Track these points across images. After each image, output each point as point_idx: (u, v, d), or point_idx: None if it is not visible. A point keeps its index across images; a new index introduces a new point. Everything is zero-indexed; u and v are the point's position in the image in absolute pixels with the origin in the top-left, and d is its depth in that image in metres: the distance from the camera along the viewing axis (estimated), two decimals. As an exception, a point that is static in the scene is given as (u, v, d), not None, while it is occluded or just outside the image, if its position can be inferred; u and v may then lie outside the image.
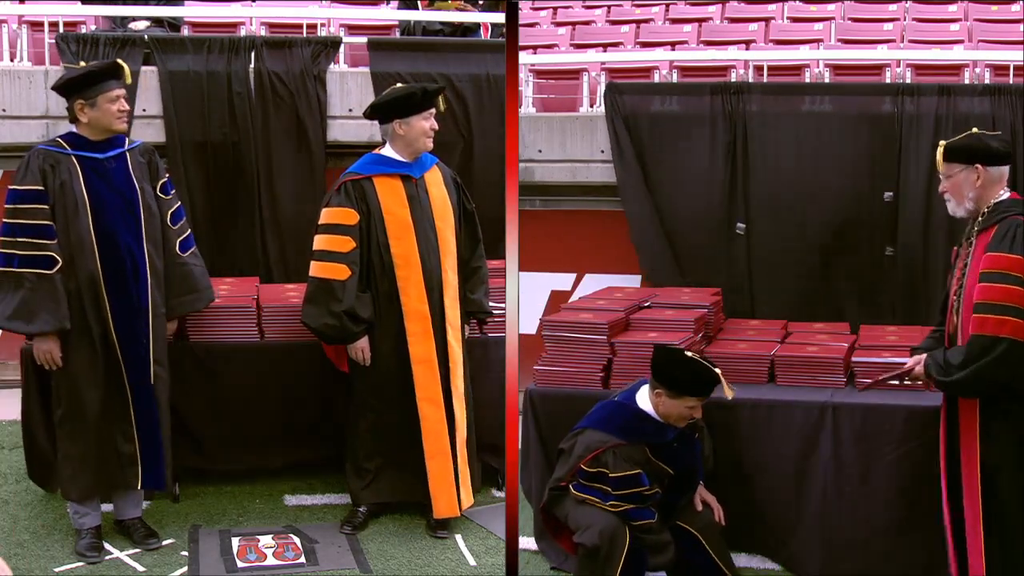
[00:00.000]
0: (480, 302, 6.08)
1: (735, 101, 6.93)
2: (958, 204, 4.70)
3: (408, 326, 5.79)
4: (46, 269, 5.37)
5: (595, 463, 5.01)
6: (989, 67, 8.02)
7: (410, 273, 5.78)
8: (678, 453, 5.09)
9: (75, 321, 5.43)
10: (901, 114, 6.82)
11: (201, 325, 6.13)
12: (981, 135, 4.73)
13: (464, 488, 5.89)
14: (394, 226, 5.78)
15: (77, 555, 5.57)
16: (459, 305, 5.94)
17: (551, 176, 7.83)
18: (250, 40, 7.22)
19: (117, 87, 5.49)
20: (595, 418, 5.14)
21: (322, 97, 7.23)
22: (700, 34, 9.95)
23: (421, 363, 5.80)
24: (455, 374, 5.87)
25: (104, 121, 5.49)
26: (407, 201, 5.82)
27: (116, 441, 5.55)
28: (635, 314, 6.04)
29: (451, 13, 8.17)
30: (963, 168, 4.65)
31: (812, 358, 5.67)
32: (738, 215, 6.97)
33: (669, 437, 5.05)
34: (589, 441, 5.05)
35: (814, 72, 8.29)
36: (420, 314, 5.79)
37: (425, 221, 5.83)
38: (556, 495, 5.16)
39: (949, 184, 4.70)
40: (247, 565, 5.52)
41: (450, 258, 5.89)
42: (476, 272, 6.09)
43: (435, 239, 5.84)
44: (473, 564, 5.59)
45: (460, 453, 5.88)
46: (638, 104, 7.25)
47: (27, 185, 5.43)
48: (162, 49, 7.06)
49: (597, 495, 4.99)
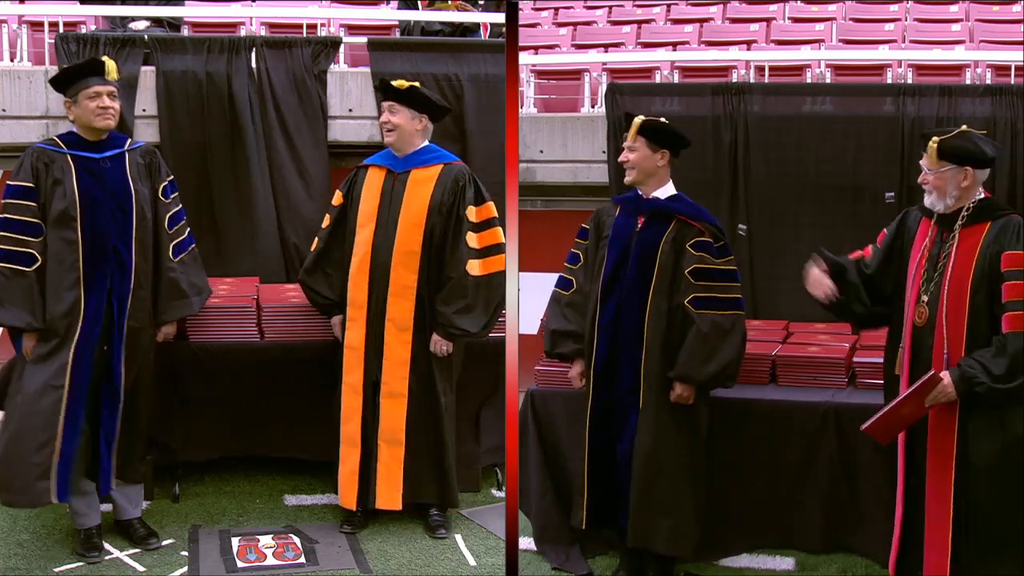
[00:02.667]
0: (448, 316, 5.83)
1: (736, 102, 6.90)
2: (939, 199, 4.73)
3: (348, 311, 5.93)
4: (24, 266, 5.37)
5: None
6: (990, 67, 8.01)
7: (359, 262, 5.89)
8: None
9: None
10: (902, 114, 6.81)
11: (201, 325, 6.12)
12: (972, 136, 4.74)
13: (384, 487, 5.87)
14: (361, 215, 5.92)
15: (77, 555, 5.58)
16: (414, 306, 5.86)
17: (552, 176, 7.80)
18: (250, 40, 7.20)
19: (97, 84, 5.45)
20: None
21: (322, 97, 7.22)
22: (701, 34, 9.96)
23: (350, 349, 5.92)
24: (389, 372, 5.86)
25: (85, 118, 5.47)
26: (379, 194, 5.91)
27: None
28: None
29: (451, 13, 8.16)
30: (953, 168, 4.69)
31: (814, 358, 5.68)
32: (739, 216, 6.95)
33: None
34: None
35: (815, 72, 8.28)
36: (358, 302, 5.90)
37: (389, 216, 5.87)
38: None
39: (934, 179, 4.73)
40: (247, 565, 5.52)
41: (409, 257, 5.84)
42: (449, 281, 5.86)
43: (393, 235, 5.85)
44: (473, 564, 5.59)
45: (382, 451, 5.87)
46: (639, 105, 7.21)
47: (18, 181, 5.44)
48: (162, 49, 7.03)
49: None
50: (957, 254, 4.68)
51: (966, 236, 4.69)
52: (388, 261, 5.84)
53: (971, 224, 4.69)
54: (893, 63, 8.20)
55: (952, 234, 4.72)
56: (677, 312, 5.21)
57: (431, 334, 5.88)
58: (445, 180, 5.94)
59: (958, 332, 4.64)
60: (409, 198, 5.89)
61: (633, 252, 5.28)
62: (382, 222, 5.88)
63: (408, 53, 7.34)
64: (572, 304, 5.46)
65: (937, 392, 4.56)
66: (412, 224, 5.87)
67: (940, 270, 4.70)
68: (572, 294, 5.48)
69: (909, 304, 4.80)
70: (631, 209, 5.39)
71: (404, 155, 5.96)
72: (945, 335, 4.66)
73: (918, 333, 4.75)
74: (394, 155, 5.98)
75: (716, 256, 5.24)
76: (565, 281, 5.54)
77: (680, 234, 5.26)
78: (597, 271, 5.36)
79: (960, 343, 4.63)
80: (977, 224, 4.69)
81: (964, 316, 4.63)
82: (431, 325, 5.88)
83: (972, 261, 4.64)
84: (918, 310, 4.74)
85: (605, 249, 5.37)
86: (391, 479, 5.89)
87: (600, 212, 5.54)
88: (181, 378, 6.15)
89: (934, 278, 4.72)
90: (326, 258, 6.03)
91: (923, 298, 4.73)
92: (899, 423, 4.70)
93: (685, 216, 5.29)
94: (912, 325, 4.77)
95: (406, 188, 5.90)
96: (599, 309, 5.31)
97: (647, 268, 5.24)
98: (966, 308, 4.63)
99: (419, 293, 5.87)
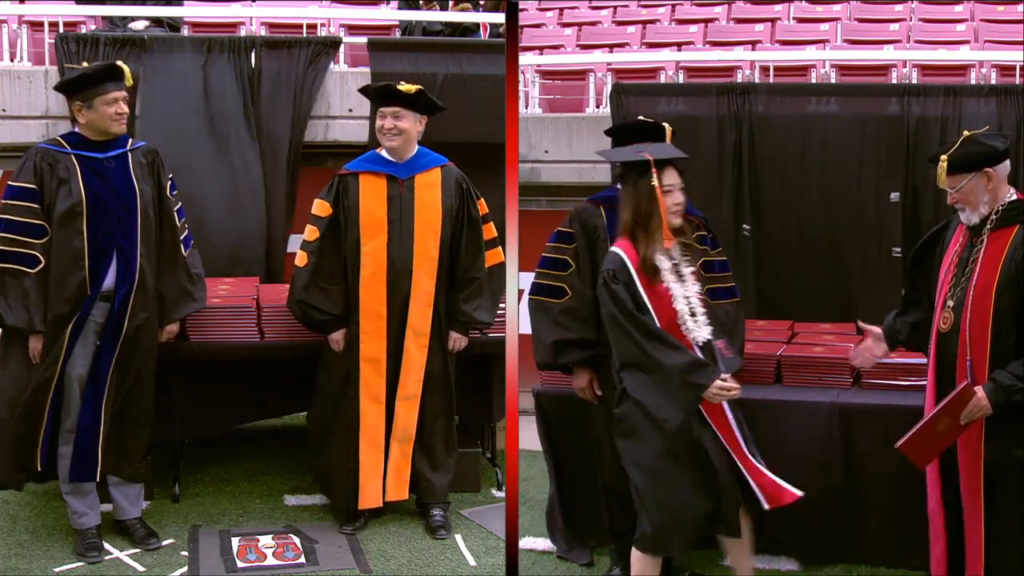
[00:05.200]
0: (470, 313, 5.91)
1: (741, 102, 6.88)
2: (973, 211, 4.58)
3: (362, 323, 5.79)
4: (25, 267, 5.37)
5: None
6: (995, 68, 7.99)
7: (375, 272, 5.77)
8: None
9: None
10: (907, 115, 6.78)
11: (201, 325, 6.10)
12: (978, 138, 4.62)
13: (394, 480, 5.90)
14: (368, 224, 5.77)
15: (77, 555, 5.56)
16: (432, 311, 5.85)
17: (557, 176, 7.81)
18: (250, 40, 7.19)
19: (115, 89, 5.47)
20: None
21: (322, 97, 7.21)
22: (706, 35, 9.97)
23: (368, 362, 5.82)
24: (407, 377, 5.85)
25: (100, 124, 5.48)
26: (387, 201, 5.79)
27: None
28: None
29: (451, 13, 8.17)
30: (972, 176, 4.54)
31: (819, 358, 5.64)
32: (744, 216, 6.92)
33: None
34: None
35: (820, 73, 8.28)
36: (376, 313, 5.79)
37: (403, 223, 5.79)
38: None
39: (960, 195, 4.57)
40: (247, 565, 5.50)
41: (427, 263, 5.81)
42: (472, 283, 5.93)
43: (411, 242, 5.79)
44: (473, 564, 5.58)
45: (393, 449, 5.88)
46: (644, 105, 7.19)
47: (20, 182, 5.43)
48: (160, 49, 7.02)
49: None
50: (984, 258, 4.54)
51: (994, 240, 4.55)
52: (408, 270, 5.78)
53: (1000, 228, 4.54)
54: (898, 63, 8.20)
55: (981, 238, 4.58)
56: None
57: (445, 333, 5.91)
58: (448, 183, 5.91)
59: (982, 338, 4.50)
60: (420, 204, 5.83)
61: None
62: (395, 230, 5.78)
63: (408, 53, 7.33)
64: (568, 312, 5.25)
65: (972, 407, 4.42)
66: (430, 231, 5.82)
67: (967, 275, 4.57)
68: (566, 301, 5.27)
69: (936, 310, 4.68)
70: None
71: (405, 160, 5.86)
72: (968, 341, 4.53)
73: (942, 339, 4.63)
74: (389, 160, 5.85)
75: (712, 248, 5.25)
76: (553, 289, 5.30)
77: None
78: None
79: (984, 350, 4.50)
80: (1006, 228, 4.54)
81: (988, 322, 4.49)
82: (447, 324, 5.91)
83: (999, 265, 4.51)
84: (943, 316, 4.61)
85: (607, 253, 5.25)
86: (400, 473, 5.91)
87: (581, 214, 5.33)
88: (181, 378, 6.12)
89: (961, 283, 4.59)
90: (320, 273, 5.81)
91: (949, 303, 4.60)
92: (935, 440, 4.52)
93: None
94: (937, 331, 4.66)
95: (415, 194, 5.83)
96: None
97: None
98: (990, 314, 4.49)
99: (436, 298, 5.87)
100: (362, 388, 5.83)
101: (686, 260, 4.73)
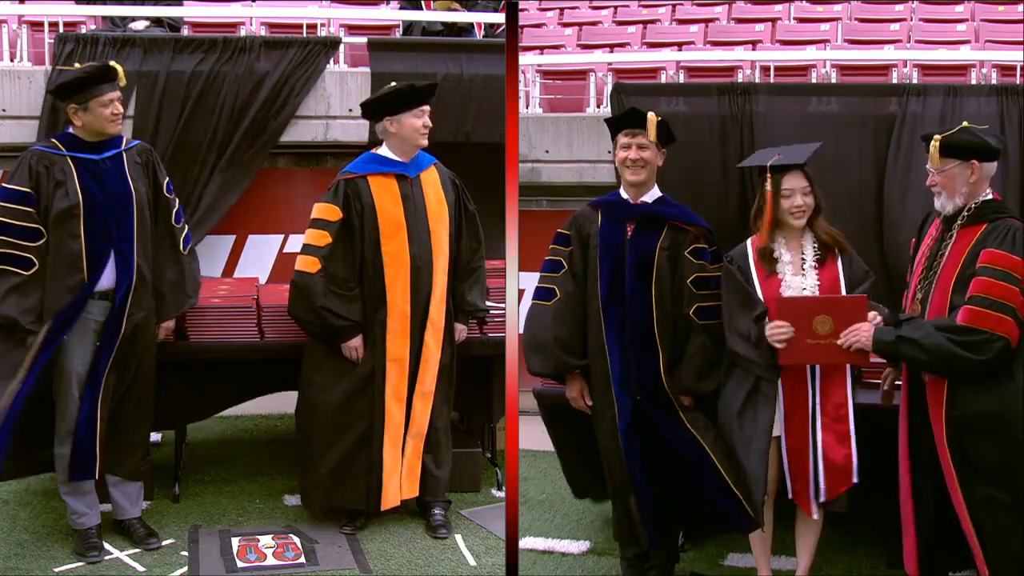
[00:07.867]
0: (475, 302, 6.03)
1: (742, 102, 6.86)
2: (949, 199, 4.67)
3: (390, 323, 5.77)
4: (21, 269, 5.36)
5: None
6: (996, 67, 7.99)
7: (399, 271, 5.76)
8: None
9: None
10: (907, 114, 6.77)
11: (201, 325, 6.10)
12: (974, 130, 4.70)
13: (408, 479, 5.90)
14: (387, 224, 5.75)
15: (77, 555, 5.56)
16: (445, 305, 5.90)
17: (558, 177, 7.81)
18: (250, 40, 7.18)
19: (110, 90, 5.48)
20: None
21: (322, 97, 7.20)
22: (707, 35, 9.96)
23: (394, 361, 5.81)
24: (424, 372, 5.86)
25: (97, 125, 5.48)
26: (401, 200, 5.79)
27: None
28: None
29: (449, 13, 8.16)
30: (958, 164, 4.63)
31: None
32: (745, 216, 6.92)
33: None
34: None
35: (820, 72, 8.27)
36: (402, 312, 5.78)
37: (419, 220, 5.80)
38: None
39: (942, 179, 4.67)
40: (247, 565, 5.50)
41: (442, 259, 5.86)
42: (473, 272, 6.03)
43: (428, 239, 5.81)
44: (473, 564, 5.57)
45: (408, 447, 5.89)
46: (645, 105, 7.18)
47: (14, 185, 5.42)
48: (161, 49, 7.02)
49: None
50: (950, 254, 4.63)
51: (962, 236, 4.63)
52: (429, 267, 5.80)
53: (970, 224, 4.63)
54: (898, 63, 8.19)
55: (951, 233, 4.67)
56: (680, 321, 5.13)
57: (451, 326, 5.96)
58: (444, 179, 5.97)
59: None
60: (430, 202, 5.86)
61: (629, 261, 5.13)
62: (413, 229, 5.78)
63: (408, 53, 7.34)
64: (554, 313, 5.21)
65: (853, 330, 4.69)
66: (442, 226, 5.87)
67: (935, 269, 4.66)
68: (555, 303, 5.22)
69: (907, 302, 4.77)
70: (619, 214, 5.23)
71: (410, 159, 5.87)
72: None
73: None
74: (394, 160, 5.84)
75: (711, 262, 5.16)
76: (545, 291, 5.27)
77: (675, 240, 5.15)
78: (592, 282, 5.20)
79: None
80: (975, 225, 4.62)
81: (945, 315, 4.56)
82: (453, 317, 5.97)
83: (960, 261, 4.58)
84: (913, 308, 4.72)
85: (596, 260, 5.18)
86: (413, 471, 5.92)
87: (578, 218, 5.31)
88: (181, 378, 6.12)
89: (929, 276, 4.68)
90: (335, 279, 5.74)
91: (918, 296, 4.71)
92: (813, 348, 4.79)
93: (677, 221, 5.20)
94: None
95: (423, 192, 5.86)
96: (604, 323, 5.14)
97: (646, 277, 5.11)
98: (947, 307, 4.57)
99: (453, 291, 5.96)
100: (388, 388, 5.81)
101: (816, 256, 5.00)
